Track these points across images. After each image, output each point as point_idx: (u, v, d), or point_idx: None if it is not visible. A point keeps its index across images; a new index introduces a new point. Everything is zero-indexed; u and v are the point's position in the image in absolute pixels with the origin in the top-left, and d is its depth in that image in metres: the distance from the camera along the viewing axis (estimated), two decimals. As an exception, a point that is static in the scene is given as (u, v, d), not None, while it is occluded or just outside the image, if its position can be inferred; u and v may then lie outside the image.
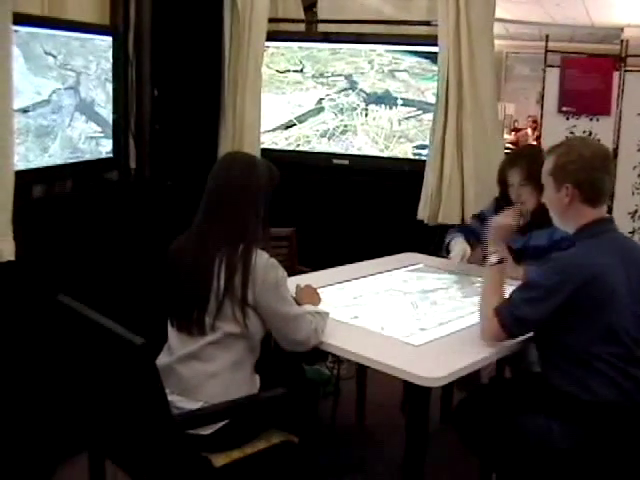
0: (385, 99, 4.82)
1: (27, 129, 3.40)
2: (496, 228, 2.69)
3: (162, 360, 2.46)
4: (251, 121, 4.76)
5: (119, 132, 4.16)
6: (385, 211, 4.77)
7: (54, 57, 3.57)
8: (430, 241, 4.13)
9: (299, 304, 2.59)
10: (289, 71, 5.00)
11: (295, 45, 4.98)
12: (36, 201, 3.66)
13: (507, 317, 2.40)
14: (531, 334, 2.48)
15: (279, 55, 5.01)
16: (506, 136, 11.82)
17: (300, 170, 4.85)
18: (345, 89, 4.92)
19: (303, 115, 5.01)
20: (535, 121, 10.97)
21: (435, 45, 4.46)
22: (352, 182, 4.92)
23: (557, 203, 2.47)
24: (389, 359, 2.37)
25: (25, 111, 3.39)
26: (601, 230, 2.43)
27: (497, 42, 11.24)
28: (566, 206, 2.44)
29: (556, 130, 4.80)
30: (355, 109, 4.91)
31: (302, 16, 5.28)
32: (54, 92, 3.60)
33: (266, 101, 4.92)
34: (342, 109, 4.94)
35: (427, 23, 4.75)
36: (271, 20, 4.83)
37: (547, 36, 5.03)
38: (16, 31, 3.14)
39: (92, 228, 3.71)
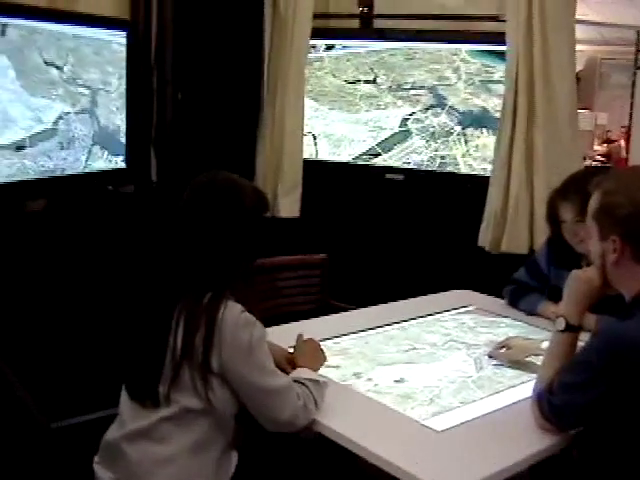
0: (484, 120, 4.17)
1: (23, 172, 2.65)
2: (575, 285, 2.02)
3: (110, 434, 2.02)
4: (292, 128, 4.38)
5: (135, 140, 3.66)
6: (440, 236, 4.33)
7: (58, 69, 2.90)
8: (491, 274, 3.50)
9: (286, 370, 2.09)
10: (359, 81, 4.40)
11: (362, 49, 4.38)
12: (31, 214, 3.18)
13: (546, 405, 1.90)
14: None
15: (344, 61, 4.44)
16: (597, 147, 11.09)
17: (346, 186, 4.49)
18: (432, 106, 4.26)
19: (387, 141, 4.38)
20: (629, 132, 10.16)
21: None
22: (405, 201, 4.45)
23: (600, 256, 1.90)
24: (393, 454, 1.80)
25: (20, 147, 2.69)
26: None
27: (591, 48, 10.43)
28: (614, 263, 1.86)
29: None
30: (450, 133, 4.24)
31: (356, 11, 4.71)
32: (61, 118, 2.91)
33: (337, 120, 4.43)
34: (433, 133, 4.28)
35: (496, 18, 4.17)
36: (319, 16, 4.45)
37: (639, 33, 4.32)
38: (2, 31, 2.49)
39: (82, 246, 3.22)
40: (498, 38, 4.02)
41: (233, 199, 1.96)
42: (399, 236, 4.41)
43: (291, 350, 2.23)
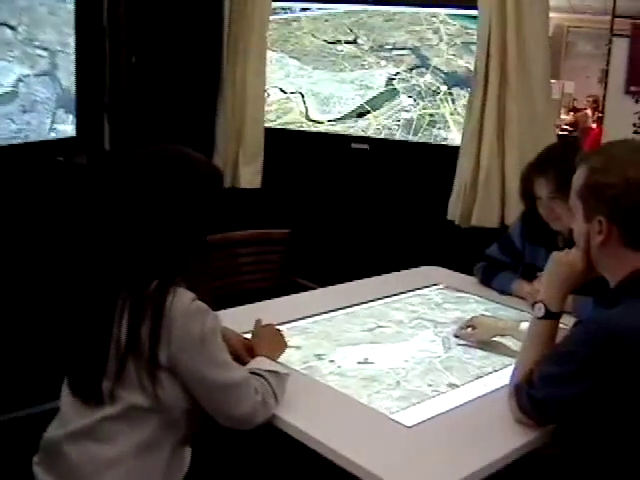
0: (469, 81, 4.05)
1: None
2: (557, 269, 1.87)
3: (50, 433, 1.83)
4: (254, 94, 4.28)
5: (85, 107, 3.43)
6: (408, 208, 4.22)
7: (12, 29, 2.77)
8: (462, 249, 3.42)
9: (243, 360, 1.91)
10: (340, 42, 4.33)
11: (341, 8, 4.30)
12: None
13: (524, 398, 1.75)
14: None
15: (323, 22, 4.35)
16: (564, 116, 11.01)
17: (310, 156, 4.35)
18: (417, 66, 4.21)
19: (375, 99, 4.29)
20: (596, 101, 10.15)
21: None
22: (371, 172, 4.32)
23: (585, 237, 1.74)
24: (356, 453, 1.63)
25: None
26: None
27: (557, 15, 10.30)
28: (600, 246, 1.70)
29: (622, 115, 4.07)
30: (436, 93, 4.19)
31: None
32: (20, 80, 2.80)
33: (323, 79, 4.35)
34: (420, 92, 4.21)
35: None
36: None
37: (615, -4, 4.15)
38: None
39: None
40: (473, 2, 3.90)
41: (181, 171, 1.77)
42: (365, 209, 4.30)
43: (248, 336, 2.05)
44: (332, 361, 2.07)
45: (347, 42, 4.32)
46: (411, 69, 4.22)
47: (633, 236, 1.66)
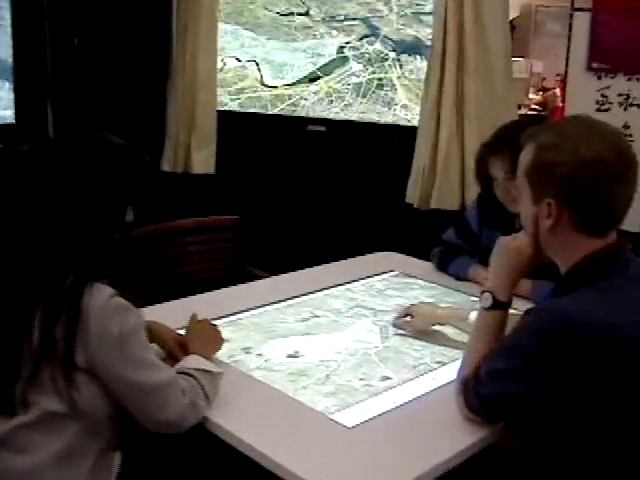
0: (417, 48, 4.19)
1: None
2: (504, 255, 1.75)
3: None
4: (205, 76, 4.18)
5: (26, 93, 3.28)
6: (368, 192, 4.12)
7: None
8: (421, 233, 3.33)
9: (177, 358, 1.82)
10: (293, 14, 4.39)
11: None
12: None
13: (472, 395, 1.64)
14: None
15: None
16: (532, 96, 10.96)
17: (264, 139, 4.26)
18: (367, 36, 4.29)
19: (326, 66, 4.38)
20: (564, 80, 10.07)
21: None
22: (328, 154, 4.23)
23: (533, 221, 1.62)
24: (294, 460, 1.51)
25: None
26: (613, 268, 1.56)
27: (526, -6, 10.15)
28: (549, 230, 1.58)
29: (584, 92, 3.92)
30: (385, 59, 4.26)
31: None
32: None
33: (276, 49, 4.38)
34: (370, 59, 4.30)
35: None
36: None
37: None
38: None
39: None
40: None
41: (91, 155, 1.64)
42: (323, 193, 4.21)
43: (182, 332, 1.94)
44: (260, 354, 1.96)
45: (299, 14, 4.39)
46: (361, 38, 4.31)
47: (585, 220, 1.54)
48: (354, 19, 4.29)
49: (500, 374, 1.57)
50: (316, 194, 4.23)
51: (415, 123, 3.99)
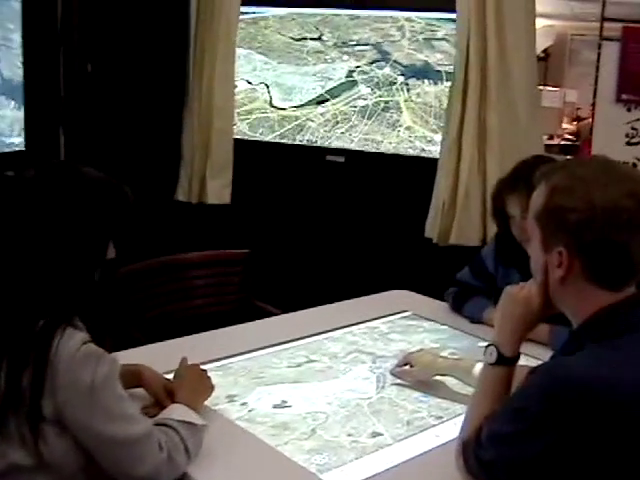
0: (427, 73, 4.19)
1: None
2: (510, 306, 1.62)
3: None
4: (221, 106, 4.13)
5: (38, 119, 3.23)
6: (387, 226, 4.05)
7: None
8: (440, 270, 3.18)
9: (165, 405, 1.70)
10: (305, 39, 4.46)
11: (307, 10, 4.45)
12: None
13: (472, 458, 1.49)
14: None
15: (290, 20, 4.47)
16: (566, 125, 10.79)
17: (281, 169, 4.20)
18: (376, 60, 4.32)
19: (335, 89, 4.42)
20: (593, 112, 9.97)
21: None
22: (346, 186, 4.17)
23: (543, 269, 1.48)
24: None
25: None
26: (628, 325, 1.41)
27: (560, 23, 10.10)
28: (560, 281, 1.44)
29: (613, 124, 3.86)
30: (393, 83, 4.28)
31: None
32: None
33: (287, 73, 4.42)
34: (378, 83, 4.32)
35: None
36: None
37: (604, 2, 3.89)
38: None
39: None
40: (446, 5, 3.81)
41: (64, 188, 1.54)
42: (340, 225, 4.14)
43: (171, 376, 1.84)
44: (244, 404, 1.83)
45: (312, 39, 4.46)
46: (371, 63, 4.35)
47: (598, 271, 1.40)
48: (366, 44, 4.34)
49: (500, 438, 1.43)
50: (333, 226, 4.17)
51: (418, 144, 4.03)
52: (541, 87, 5.96)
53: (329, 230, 4.16)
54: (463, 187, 3.64)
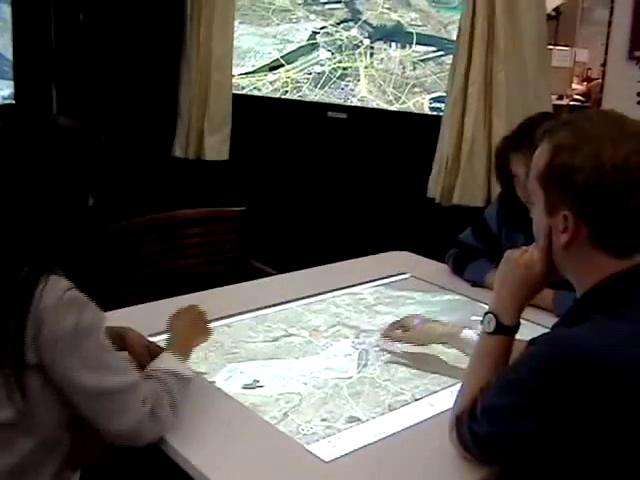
0: (396, 35, 4.04)
1: None
2: (511, 272, 1.53)
3: None
4: (220, 57, 4.03)
5: (28, 71, 3.14)
6: (388, 185, 3.97)
7: None
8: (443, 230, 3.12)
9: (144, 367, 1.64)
10: None
11: None
12: None
13: (466, 433, 1.43)
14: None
15: None
16: (576, 86, 10.63)
17: (282, 125, 4.12)
18: (345, 20, 4.16)
19: (292, 53, 4.25)
20: (604, 70, 9.84)
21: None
22: (347, 143, 4.09)
23: (546, 234, 1.40)
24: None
25: None
26: (635, 294, 1.33)
27: (572, -20, 9.83)
28: (564, 246, 1.36)
29: (624, 83, 3.76)
30: (357, 47, 4.13)
31: None
32: None
33: (246, 34, 4.23)
34: (341, 46, 4.17)
35: None
36: None
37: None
38: None
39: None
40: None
41: (36, 135, 1.52)
42: (341, 183, 4.09)
43: (157, 339, 1.80)
44: (212, 382, 1.72)
45: None
46: (338, 23, 4.22)
47: (606, 237, 1.32)
48: (338, 1, 4.19)
49: (496, 412, 1.36)
50: (334, 184, 4.11)
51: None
52: (551, 47, 5.85)
53: (329, 188, 4.11)
54: (467, 144, 3.57)
